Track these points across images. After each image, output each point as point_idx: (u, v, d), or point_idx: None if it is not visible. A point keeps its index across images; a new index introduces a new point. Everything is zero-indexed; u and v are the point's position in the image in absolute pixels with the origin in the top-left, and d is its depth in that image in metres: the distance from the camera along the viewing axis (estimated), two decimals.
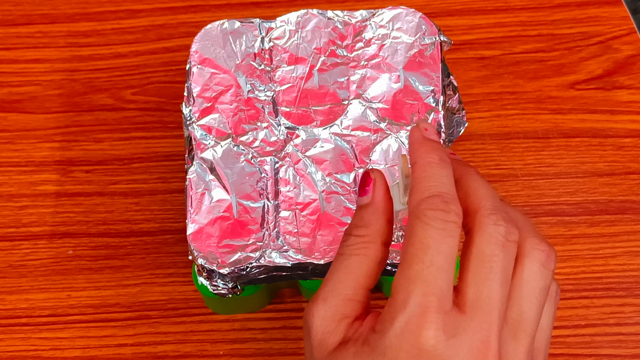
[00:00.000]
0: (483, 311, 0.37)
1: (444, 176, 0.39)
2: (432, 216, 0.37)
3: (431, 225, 0.37)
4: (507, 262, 0.38)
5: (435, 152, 0.40)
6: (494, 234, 0.38)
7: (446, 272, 0.37)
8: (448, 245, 0.37)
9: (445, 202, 0.38)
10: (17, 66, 0.66)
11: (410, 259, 0.37)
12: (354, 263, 0.40)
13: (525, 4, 0.66)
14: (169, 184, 0.61)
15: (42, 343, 0.57)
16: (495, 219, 0.38)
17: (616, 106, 0.62)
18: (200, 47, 0.54)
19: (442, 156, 0.40)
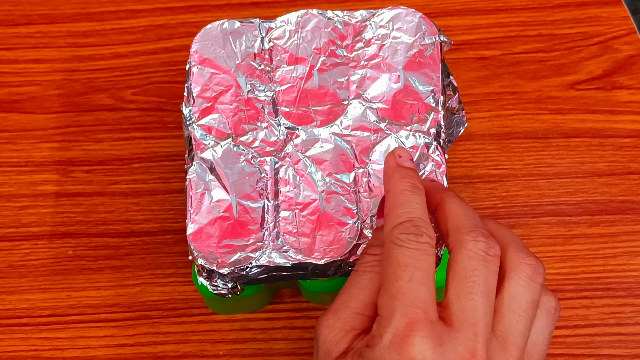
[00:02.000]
0: (468, 323, 0.38)
1: (414, 202, 0.41)
2: (405, 239, 0.40)
3: (406, 246, 0.39)
4: (489, 276, 0.40)
5: (407, 179, 0.42)
6: (474, 250, 0.40)
7: (426, 286, 0.39)
8: (424, 262, 0.39)
9: (417, 226, 0.40)
10: (17, 66, 0.66)
11: (390, 278, 0.39)
12: (366, 279, 0.42)
13: (525, 4, 0.66)
14: (169, 184, 0.61)
15: (42, 343, 0.57)
16: (475, 235, 0.40)
17: (616, 106, 0.62)
18: (200, 47, 0.54)
19: (414, 183, 0.42)
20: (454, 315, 0.39)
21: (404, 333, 0.38)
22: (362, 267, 0.43)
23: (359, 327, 0.41)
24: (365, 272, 0.43)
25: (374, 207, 0.50)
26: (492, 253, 0.40)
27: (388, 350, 0.38)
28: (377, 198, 0.50)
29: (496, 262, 0.40)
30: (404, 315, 0.38)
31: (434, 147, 0.51)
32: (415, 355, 0.37)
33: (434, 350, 0.38)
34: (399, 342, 0.38)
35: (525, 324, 0.40)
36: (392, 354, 0.38)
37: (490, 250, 0.40)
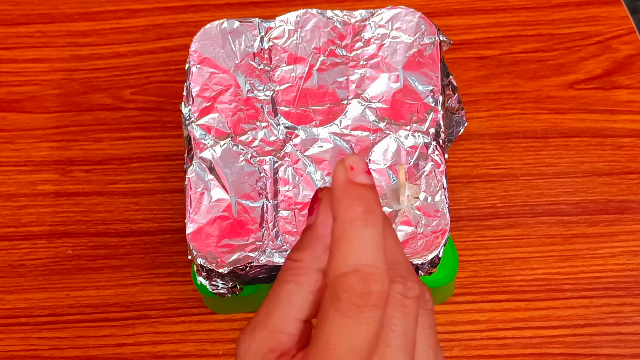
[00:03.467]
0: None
1: (367, 238, 0.33)
2: (346, 302, 0.32)
3: (344, 314, 0.33)
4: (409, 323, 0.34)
5: (359, 202, 0.34)
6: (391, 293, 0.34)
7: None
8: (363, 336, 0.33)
9: (365, 281, 0.32)
10: (16, 66, 0.66)
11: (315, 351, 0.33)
12: (285, 291, 0.36)
13: (525, 4, 0.66)
14: (168, 184, 0.61)
15: (41, 343, 0.57)
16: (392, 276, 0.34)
17: (615, 106, 0.62)
18: (199, 46, 0.54)
19: (369, 207, 0.34)
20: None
21: None
22: (282, 276, 0.36)
23: (279, 348, 0.35)
24: (285, 282, 0.36)
25: None
26: (412, 295, 0.34)
27: None
28: None
29: (415, 306, 0.34)
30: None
31: (433, 147, 0.51)
32: None
33: None
34: None
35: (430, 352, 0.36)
36: None
37: (409, 292, 0.34)
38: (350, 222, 0.33)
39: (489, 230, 0.59)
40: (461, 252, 0.58)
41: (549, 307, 0.57)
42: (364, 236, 0.33)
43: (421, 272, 0.50)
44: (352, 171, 0.34)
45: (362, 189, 0.34)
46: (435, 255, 0.49)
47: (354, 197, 0.34)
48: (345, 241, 0.33)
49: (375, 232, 0.33)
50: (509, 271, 0.58)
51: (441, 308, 0.57)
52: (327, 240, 0.36)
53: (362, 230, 0.33)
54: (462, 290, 0.57)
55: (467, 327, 0.56)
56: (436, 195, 0.50)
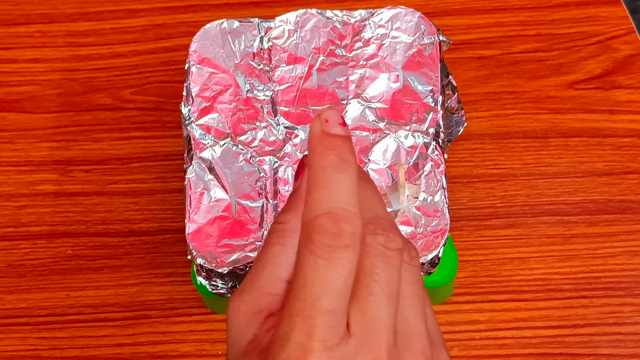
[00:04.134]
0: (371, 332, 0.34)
1: (338, 184, 0.34)
2: (318, 244, 0.33)
3: (317, 255, 0.33)
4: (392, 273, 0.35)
5: (332, 151, 0.35)
6: (373, 244, 0.35)
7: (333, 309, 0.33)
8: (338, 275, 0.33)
9: (336, 222, 0.33)
10: (16, 66, 0.66)
11: (293, 293, 0.34)
12: (271, 253, 0.36)
13: (524, 4, 0.66)
14: (168, 184, 0.61)
15: (41, 343, 0.57)
16: (373, 229, 0.35)
17: (615, 106, 0.62)
18: (199, 46, 0.54)
19: (342, 156, 0.35)
20: (355, 323, 0.34)
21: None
22: (268, 239, 0.37)
23: (267, 309, 0.36)
24: (270, 244, 0.37)
25: None
26: (393, 247, 0.35)
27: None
28: None
29: (398, 257, 0.35)
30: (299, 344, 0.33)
31: (432, 147, 0.51)
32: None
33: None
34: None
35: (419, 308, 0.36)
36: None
37: (390, 244, 0.35)
38: (323, 169, 0.34)
39: (488, 230, 0.59)
40: (461, 252, 0.58)
41: (548, 307, 0.57)
42: (336, 181, 0.34)
43: (421, 272, 0.50)
44: (327, 123, 0.35)
45: (335, 139, 0.35)
46: (435, 255, 0.49)
47: (327, 146, 0.35)
48: (317, 187, 0.34)
49: (348, 178, 0.34)
50: (509, 271, 0.58)
51: (441, 308, 0.57)
52: None
53: (335, 176, 0.34)
54: (462, 290, 0.57)
55: (467, 327, 0.56)
56: (436, 195, 0.50)
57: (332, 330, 0.33)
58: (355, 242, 0.33)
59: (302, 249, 0.34)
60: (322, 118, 0.35)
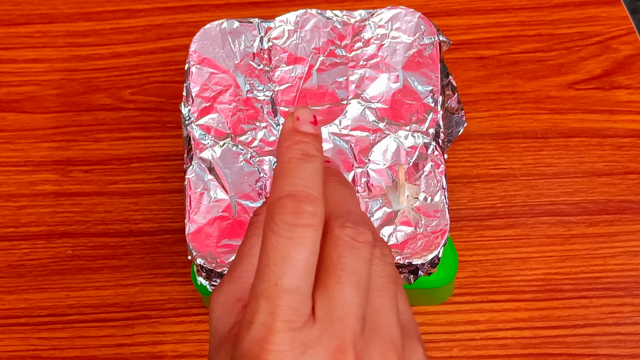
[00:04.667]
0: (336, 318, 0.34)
1: (302, 171, 0.35)
2: (279, 222, 0.34)
3: (279, 234, 0.34)
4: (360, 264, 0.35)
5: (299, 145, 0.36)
6: (341, 236, 0.35)
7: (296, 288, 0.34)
8: (299, 254, 0.34)
9: (297, 202, 0.34)
10: (15, 66, 0.66)
11: (258, 274, 0.34)
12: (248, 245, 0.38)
13: (524, 4, 0.66)
14: (168, 184, 0.61)
15: (40, 343, 0.57)
16: (342, 222, 0.36)
17: (615, 106, 0.62)
18: (199, 46, 0.54)
19: (308, 150, 0.36)
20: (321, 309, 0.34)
21: (260, 344, 0.33)
22: (247, 232, 0.38)
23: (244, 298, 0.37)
24: (248, 237, 0.38)
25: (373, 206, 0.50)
26: (362, 240, 0.35)
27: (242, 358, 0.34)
28: (375, 198, 0.50)
29: (367, 249, 0.35)
30: (264, 324, 0.33)
31: (432, 147, 0.51)
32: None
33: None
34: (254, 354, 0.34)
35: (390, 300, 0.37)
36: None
37: (359, 237, 0.35)
38: (289, 161, 0.35)
39: (488, 230, 0.59)
40: (461, 253, 0.58)
41: (548, 307, 0.57)
42: (301, 169, 0.35)
43: (421, 272, 0.50)
44: (298, 121, 0.37)
45: (303, 136, 0.36)
46: (435, 255, 0.49)
47: (295, 142, 0.36)
48: (282, 175, 0.35)
49: (312, 167, 0.35)
50: (509, 271, 0.58)
51: (441, 308, 0.57)
52: None
53: (299, 165, 0.35)
54: (462, 291, 0.57)
55: (467, 327, 0.56)
56: (436, 195, 0.50)
57: (295, 312, 0.34)
58: (316, 223, 0.34)
59: (265, 230, 0.34)
60: (295, 116, 0.37)
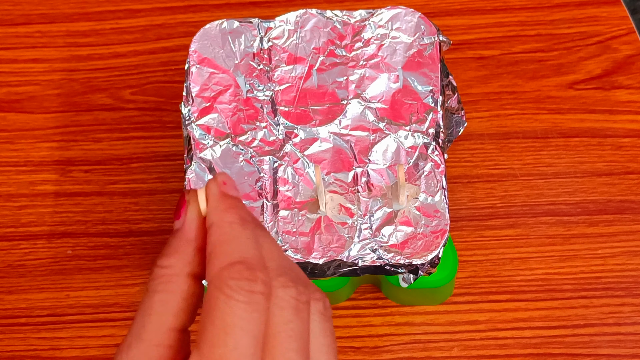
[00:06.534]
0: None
1: (246, 238, 0.34)
2: (235, 287, 0.33)
3: (235, 298, 0.32)
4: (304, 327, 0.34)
5: (234, 210, 0.35)
6: (285, 298, 0.34)
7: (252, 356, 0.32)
8: (255, 322, 0.33)
9: (251, 270, 0.33)
10: (15, 66, 0.66)
11: (210, 340, 0.33)
12: (157, 302, 0.35)
13: (524, 4, 0.66)
14: (168, 184, 0.61)
15: (40, 343, 0.57)
16: (284, 282, 0.34)
17: (615, 106, 0.62)
18: (199, 46, 0.54)
19: (243, 215, 0.35)
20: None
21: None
22: (152, 286, 0.35)
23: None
24: (156, 292, 0.35)
25: (373, 206, 0.50)
26: (304, 300, 0.34)
27: None
28: (375, 198, 0.50)
29: (308, 310, 0.34)
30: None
31: (432, 147, 0.51)
32: None
33: None
34: None
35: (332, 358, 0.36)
36: None
37: (301, 297, 0.34)
38: (230, 224, 0.35)
39: (488, 230, 0.59)
40: (461, 252, 0.58)
41: (548, 307, 0.57)
42: (244, 236, 0.34)
43: (421, 272, 0.50)
44: (225, 185, 0.36)
45: (234, 200, 0.36)
46: (435, 255, 0.49)
47: (229, 205, 0.35)
48: (226, 241, 0.34)
49: (252, 235, 0.35)
50: (509, 271, 0.58)
51: (441, 308, 0.57)
52: (196, 243, 0.36)
53: (242, 232, 0.34)
54: (462, 291, 0.57)
55: (467, 327, 0.56)
56: (436, 195, 0.50)
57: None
58: (268, 291, 0.33)
59: (217, 296, 0.33)
60: (220, 181, 0.36)
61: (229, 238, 0.34)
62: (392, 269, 0.50)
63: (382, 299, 0.57)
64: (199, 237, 0.36)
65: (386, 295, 0.57)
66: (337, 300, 0.56)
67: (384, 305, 0.57)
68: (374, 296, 0.57)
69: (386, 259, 0.49)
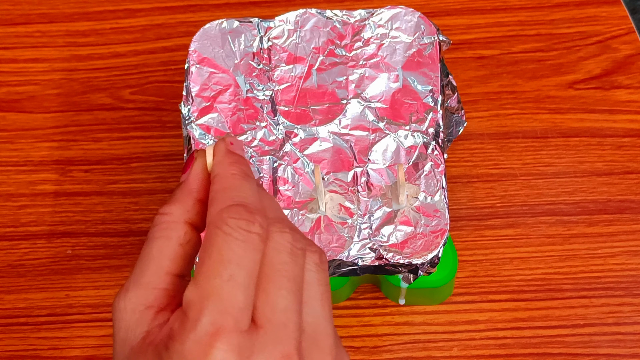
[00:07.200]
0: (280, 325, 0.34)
1: (248, 188, 0.37)
2: (234, 225, 0.34)
3: (233, 236, 0.34)
4: (298, 270, 0.36)
5: (238, 164, 0.38)
6: (281, 241, 0.36)
7: (246, 289, 0.34)
8: (250, 259, 0.34)
9: (250, 212, 0.35)
10: (15, 66, 0.66)
11: (207, 272, 0.34)
12: (155, 247, 0.37)
13: (524, 4, 0.66)
14: (168, 184, 0.61)
15: (40, 343, 0.57)
16: (281, 227, 0.36)
17: (615, 106, 0.62)
18: (199, 46, 0.54)
19: (246, 170, 0.38)
20: (265, 315, 0.34)
21: (208, 343, 0.33)
22: (152, 232, 0.37)
23: (156, 304, 0.36)
24: (154, 238, 0.37)
25: (372, 206, 0.50)
26: (300, 246, 0.36)
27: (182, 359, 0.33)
28: (375, 197, 0.50)
29: (303, 257, 0.36)
30: (213, 322, 0.33)
31: (432, 147, 0.51)
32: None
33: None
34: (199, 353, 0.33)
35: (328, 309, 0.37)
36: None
37: (296, 243, 0.36)
38: (233, 176, 0.37)
39: (488, 230, 0.59)
40: (460, 252, 0.58)
41: (548, 307, 0.57)
42: (246, 186, 0.37)
43: (421, 271, 0.50)
44: (232, 145, 0.39)
45: (240, 158, 0.38)
46: (435, 255, 0.49)
47: (234, 160, 0.38)
48: (228, 188, 0.37)
49: (253, 187, 0.37)
50: (509, 271, 0.58)
51: (441, 308, 0.57)
52: (197, 194, 0.38)
53: (243, 182, 0.37)
54: (462, 290, 0.57)
55: (467, 327, 0.56)
56: (435, 195, 0.50)
57: (243, 313, 0.34)
58: (265, 234, 0.35)
59: (215, 231, 0.35)
60: (227, 141, 0.39)
61: (231, 186, 0.36)
62: (391, 269, 0.50)
63: (382, 298, 0.57)
64: (201, 189, 0.38)
65: (386, 295, 0.57)
66: (337, 300, 0.56)
67: (383, 305, 0.57)
68: (373, 296, 0.57)
69: (386, 259, 0.49)
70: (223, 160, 0.38)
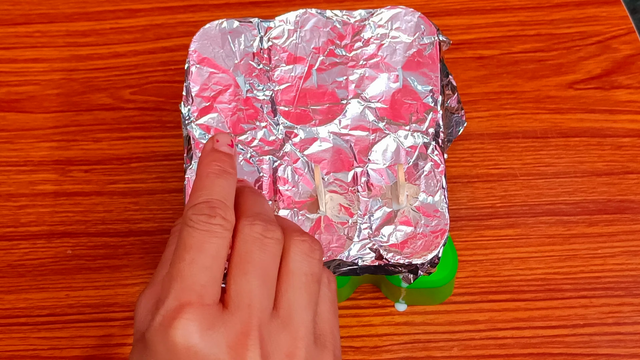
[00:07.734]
0: (243, 304, 0.38)
1: (217, 185, 0.41)
2: (196, 219, 0.39)
3: (195, 227, 0.39)
4: (266, 258, 0.39)
5: (216, 163, 0.42)
6: (250, 233, 0.40)
7: (208, 269, 0.38)
8: (212, 244, 0.39)
9: (211, 207, 0.39)
10: (15, 66, 0.66)
11: (174, 260, 0.39)
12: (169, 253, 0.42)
13: (524, 4, 0.66)
14: (168, 184, 0.61)
15: (40, 343, 0.57)
16: (252, 220, 0.40)
17: (615, 106, 0.62)
18: (198, 46, 0.54)
19: (223, 167, 0.42)
20: (230, 297, 0.39)
21: (172, 316, 0.37)
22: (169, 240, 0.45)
23: None
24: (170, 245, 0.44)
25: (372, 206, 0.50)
26: (270, 236, 0.40)
27: (155, 332, 0.38)
28: (375, 197, 0.50)
29: (275, 245, 0.40)
30: (177, 297, 0.38)
31: (432, 147, 0.51)
32: (178, 340, 0.37)
33: (201, 334, 0.37)
34: (165, 325, 0.37)
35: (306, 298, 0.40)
36: (157, 337, 0.37)
37: (267, 233, 0.40)
38: (207, 176, 0.41)
39: (488, 230, 0.59)
40: (460, 252, 0.58)
41: (548, 307, 0.57)
42: (216, 184, 0.41)
43: (421, 271, 0.50)
44: (217, 142, 0.43)
45: (221, 155, 0.42)
46: (435, 255, 0.49)
47: (213, 159, 0.42)
48: (199, 188, 0.41)
49: (226, 183, 0.41)
50: (509, 271, 0.58)
51: (441, 308, 0.57)
52: None
53: (215, 181, 0.41)
54: (462, 290, 0.57)
55: (467, 327, 0.56)
56: (435, 195, 0.50)
57: (206, 290, 0.38)
58: (226, 225, 0.39)
59: (182, 228, 0.39)
60: (215, 139, 0.43)
61: (203, 186, 0.41)
62: (391, 269, 0.50)
63: (382, 298, 0.57)
64: None
65: (386, 295, 0.57)
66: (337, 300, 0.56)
67: (383, 305, 0.57)
68: (373, 296, 0.57)
69: (386, 259, 0.49)
70: (202, 160, 0.42)
